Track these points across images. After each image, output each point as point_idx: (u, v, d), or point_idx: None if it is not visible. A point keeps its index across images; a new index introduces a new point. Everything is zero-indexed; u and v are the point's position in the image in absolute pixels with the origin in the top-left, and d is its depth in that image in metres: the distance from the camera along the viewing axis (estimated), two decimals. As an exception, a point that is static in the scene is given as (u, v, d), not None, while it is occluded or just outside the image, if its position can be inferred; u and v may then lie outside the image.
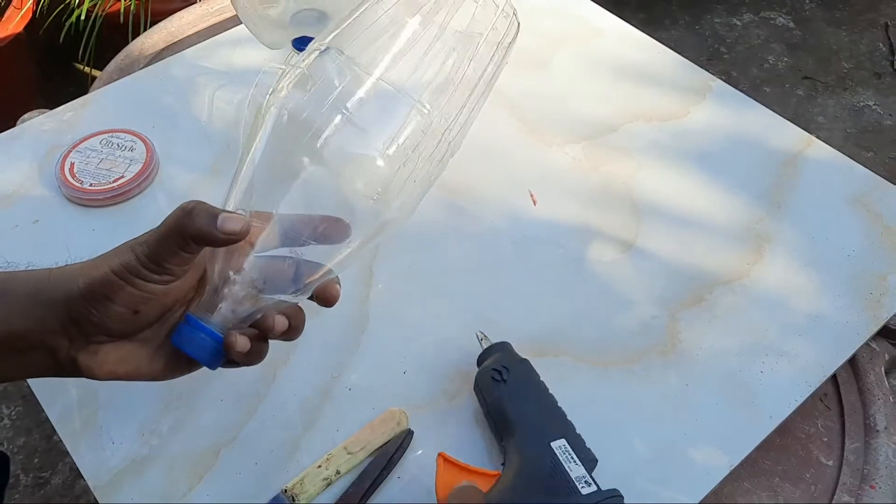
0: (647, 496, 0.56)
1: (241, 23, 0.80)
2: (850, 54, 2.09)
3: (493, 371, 0.56)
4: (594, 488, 0.49)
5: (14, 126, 0.82)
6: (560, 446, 0.51)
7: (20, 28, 1.56)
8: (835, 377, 0.68)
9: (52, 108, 0.83)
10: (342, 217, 0.46)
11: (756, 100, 0.84)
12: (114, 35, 1.42)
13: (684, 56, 0.89)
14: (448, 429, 0.59)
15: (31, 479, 1.27)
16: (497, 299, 0.67)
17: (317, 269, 0.47)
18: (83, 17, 1.51)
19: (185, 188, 0.75)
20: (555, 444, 0.51)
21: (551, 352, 0.63)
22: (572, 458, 0.51)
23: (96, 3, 1.52)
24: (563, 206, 0.74)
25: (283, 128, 0.46)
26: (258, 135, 0.46)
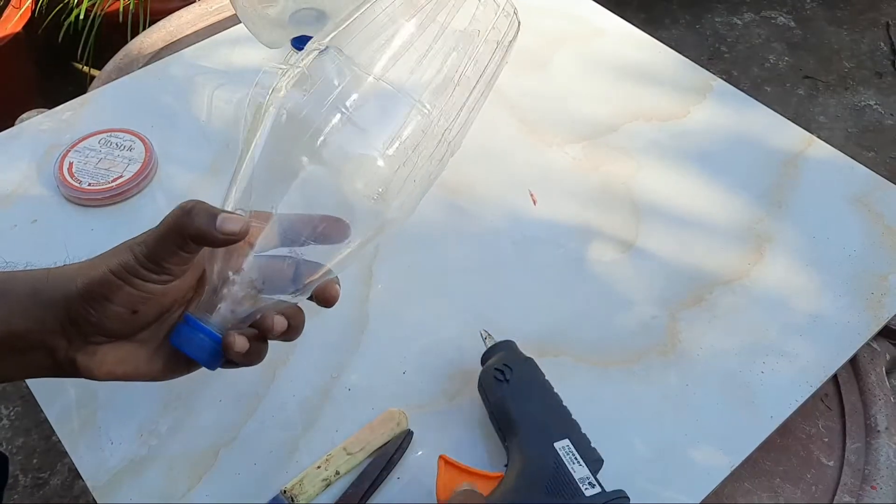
0: (647, 496, 0.56)
1: (240, 22, 0.80)
2: (851, 54, 2.09)
3: (495, 371, 0.56)
4: (598, 490, 0.48)
5: (13, 125, 0.82)
6: (563, 447, 0.50)
7: (19, 27, 1.56)
8: (836, 377, 0.68)
9: (50, 108, 0.82)
10: (342, 217, 0.46)
11: (757, 99, 0.84)
12: (113, 34, 1.41)
13: (685, 55, 0.89)
14: (448, 429, 0.59)
15: (29, 480, 1.27)
16: (497, 299, 0.67)
17: (316, 270, 0.47)
18: (82, 17, 1.51)
19: (184, 188, 0.75)
20: (558, 445, 0.50)
21: (551, 352, 0.63)
22: (576, 458, 0.50)
23: (95, 3, 1.52)
24: (563, 206, 0.74)
25: (283, 127, 0.45)
26: (257, 134, 0.46)
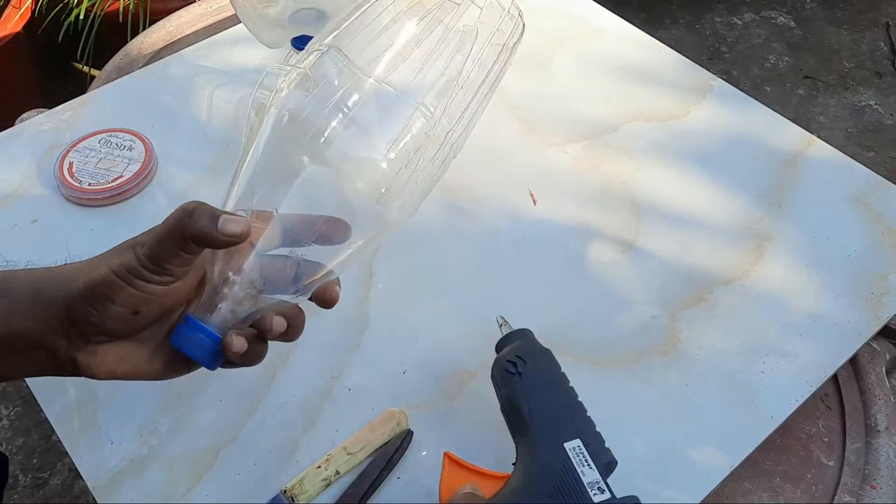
0: (647, 496, 0.56)
1: (240, 22, 0.80)
2: (851, 54, 2.09)
3: (507, 363, 0.52)
4: (607, 496, 0.45)
5: (13, 125, 0.82)
6: (574, 447, 0.47)
7: (19, 27, 1.56)
8: (836, 377, 0.68)
9: (50, 108, 0.82)
10: (343, 218, 0.46)
11: (757, 99, 0.84)
12: (112, 34, 1.41)
13: (685, 55, 0.89)
14: (448, 429, 0.59)
15: (29, 480, 1.27)
16: (497, 299, 0.67)
17: (317, 270, 0.47)
18: (82, 17, 1.51)
19: (183, 188, 0.75)
20: (568, 445, 0.47)
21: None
22: (586, 460, 0.47)
23: (95, 3, 1.52)
24: (563, 206, 0.74)
25: (285, 128, 0.45)
26: (259, 135, 0.46)
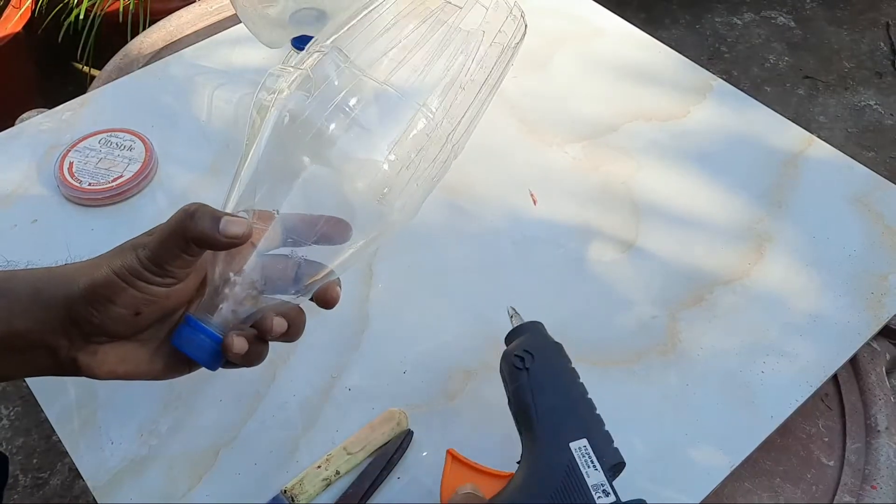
0: (647, 496, 0.55)
1: (240, 22, 0.80)
2: (851, 54, 2.09)
3: (515, 357, 0.51)
4: (612, 499, 0.44)
5: (13, 125, 0.82)
6: (580, 447, 0.45)
7: (19, 27, 1.56)
8: (836, 377, 0.68)
9: (50, 108, 0.82)
10: (344, 218, 0.46)
11: (757, 99, 0.84)
12: (112, 34, 1.42)
13: (685, 55, 0.89)
14: (448, 429, 0.59)
15: (29, 480, 1.27)
16: (497, 299, 0.66)
17: (318, 271, 0.47)
18: (82, 17, 1.51)
19: (184, 188, 0.75)
20: (574, 445, 0.45)
21: (551, 352, 0.63)
22: (592, 461, 0.45)
23: (95, 3, 1.52)
24: (563, 206, 0.74)
25: (286, 129, 0.45)
26: (260, 135, 0.46)
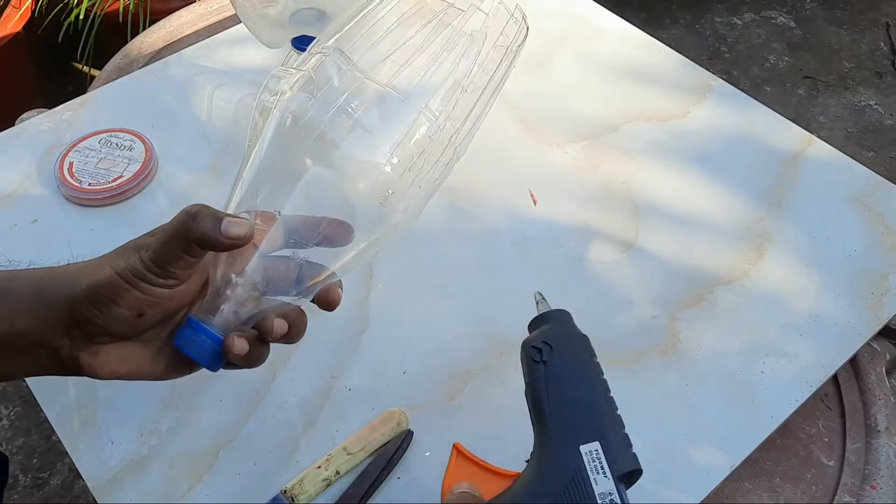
0: (647, 496, 0.56)
1: (240, 22, 0.80)
2: (851, 54, 2.09)
3: (533, 348, 0.47)
4: None
5: (13, 125, 0.82)
6: (590, 451, 0.42)
7: (19, 27, 1.56)
8: (836, 377, 0.68)
9: (50, 108, 0.82)
10: (346, 220, 0.46)
11: (757, 99, 0.84)
12: (113, 34, 1.42)
13: (685, 55, 0.89)
14: (448, 429, 0.59)
15: (29, 480, 1.27)
16: (497, 299, 0.67)
17: (320, 272, 0.47)
18: (82, 17, 1.51)
19: (184, 188, 0.75)
20: (585, 448, 0.42)
21: (551, 352, 0.63)
22: (602, 467, 0.41)
23: (95, 3, 1.52)
24: (563, 206, 0.74)
25: (288, 130, 0.45)
26: (263, 137, 0.46)
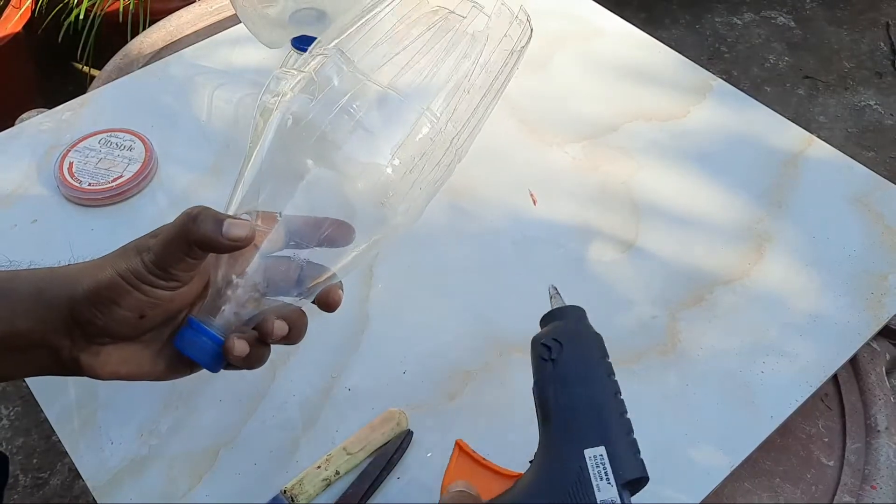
0: (647, 496, 0.55)
1: (240, 22, 0.80)
2: (851, 54, 2.09)
3: (541, 346, 0.45)
4: None
5: (13, 125, 0.82)
6: (595, 456, 0.40)
7: (19, 27, 1.56)
8: (836, 377, 0.68)
9: (50, 108, 0.82)
10: (347, 221, 0.46)
11: (757, 99, 0.84)
12: (112, 34, 1.41)
13: (685, 55, 0.89)
14: (448, 429, 0.59)
15: (29, 480, 1.27)
16: (497, 299, 0.67)
17: (320, 273, 0.47)
18: (82, 17, 1.51)
19: (184, 188, 0.75)
20: (589, 453, 0.40)
21: (551, 352, 0.63)
22: (605, 473, 0.40)
23: (95, 3, 1.52)
24: (563, 206, 0.74)
25: (289, 131, 0.45)
26: (264, 138, 0.46)
